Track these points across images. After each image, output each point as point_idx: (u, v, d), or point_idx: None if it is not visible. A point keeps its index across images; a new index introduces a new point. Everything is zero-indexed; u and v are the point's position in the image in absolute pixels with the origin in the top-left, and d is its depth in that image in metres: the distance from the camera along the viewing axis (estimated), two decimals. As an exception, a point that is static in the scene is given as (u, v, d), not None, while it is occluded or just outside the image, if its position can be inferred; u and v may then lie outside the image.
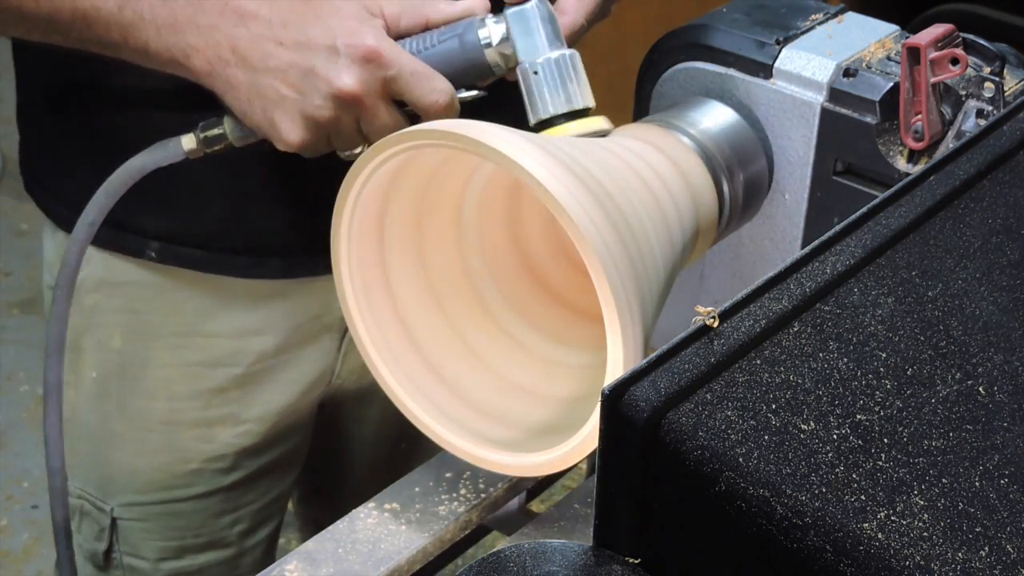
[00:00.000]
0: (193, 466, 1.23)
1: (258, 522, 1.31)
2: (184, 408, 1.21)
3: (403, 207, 0.97)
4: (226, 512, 1.27)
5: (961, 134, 0.97)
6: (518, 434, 0.97)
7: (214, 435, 1.23)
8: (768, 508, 0.66)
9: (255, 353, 1.20)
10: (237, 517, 1.28)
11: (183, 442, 1.22)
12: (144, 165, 1.03)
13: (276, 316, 1.20)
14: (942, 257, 0.81)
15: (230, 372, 1.20)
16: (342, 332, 1.23)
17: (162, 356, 1.20)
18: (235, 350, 1.20)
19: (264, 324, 1.20)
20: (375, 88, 0.94)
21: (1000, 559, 0.64)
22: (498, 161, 0.84)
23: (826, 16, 1.07)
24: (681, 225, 0.94)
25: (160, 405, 1.21)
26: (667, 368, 0.69)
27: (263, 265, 1.17)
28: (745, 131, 1.04)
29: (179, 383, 1.20)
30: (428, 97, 0.95)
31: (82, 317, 1.20)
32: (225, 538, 1.29)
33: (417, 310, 1.00)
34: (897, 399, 0.71)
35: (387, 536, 0.99)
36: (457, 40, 0.97)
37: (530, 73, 0.96)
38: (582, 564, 0.72)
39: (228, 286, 1.18)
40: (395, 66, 0.94)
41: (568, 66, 0.96)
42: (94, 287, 1.19)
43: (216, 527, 1.28)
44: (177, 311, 1.18)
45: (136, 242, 1.16)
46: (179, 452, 1.23)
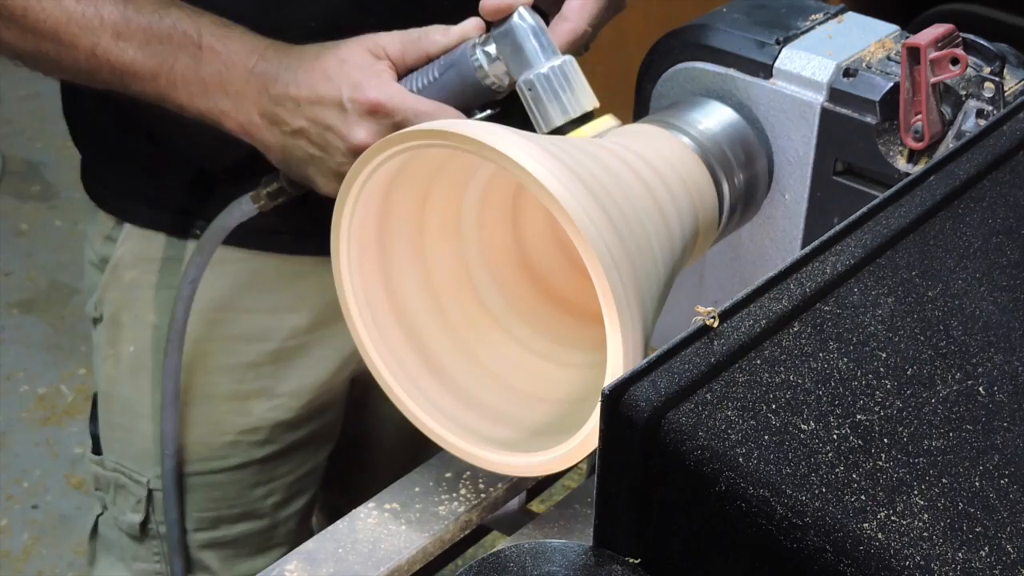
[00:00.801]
0: (228, 438, 1.26)
1: (292, 494, 1.33)
2: (220, 382, 1.24)
3: (403, 207, 0.97)
4: (260, 484, 1.29)
5: (961, 134, 0.97)
6: (518, 434, 0.97)
7: (249, 408, 1.25)
8: (768, 508, 0.66)
9: (289, 329, 1.23)
10: (271, 489, 1.30)
11: (218, 415, 1.25)
12: (227, 225, 1.11)
13: (309, 293, 1.22)
14: (942, 257, 0.81)
15: (264, 347, 1.23)
16: None
17: (197, 331, 1.22)
18: (270, 325, 1.23)
19: (297, 300, 1.23)
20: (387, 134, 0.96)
21: (1000, 559, 0.64)
22: (498, 161, 0.84)
23: (826, 16, 1.07)
24: (681, 225, 0.94)
25: (196, 379, 1.24)
26: (667, 368, 0.69)
27: (302, 243, 1.20)
28: (745, 131, 1.04)
29: (214, 357, 1.23)
30: None
31: (121, 293, 1.24)
32: (259, 509, 1.31)
33: (417, 310, 1.00)
34: (897, 399, 0.71)
35: (387, 536, 0.99)
36: (455, 71, 0.99)
37: (525, 91, 0.98)
38: (582, 564, 0.72)
39: (263, 262, 1.21)
40: (400, 112, 0.98)
41: (560, 77, 0.97)
42: (132, 263, 1.22)
43: (251, 498, 1.30)
44: (213, 287, 1.21)
45: (183, 222, 1.20)
46: (214, 425, 1.25)
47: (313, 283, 1.22)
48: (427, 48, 1.01)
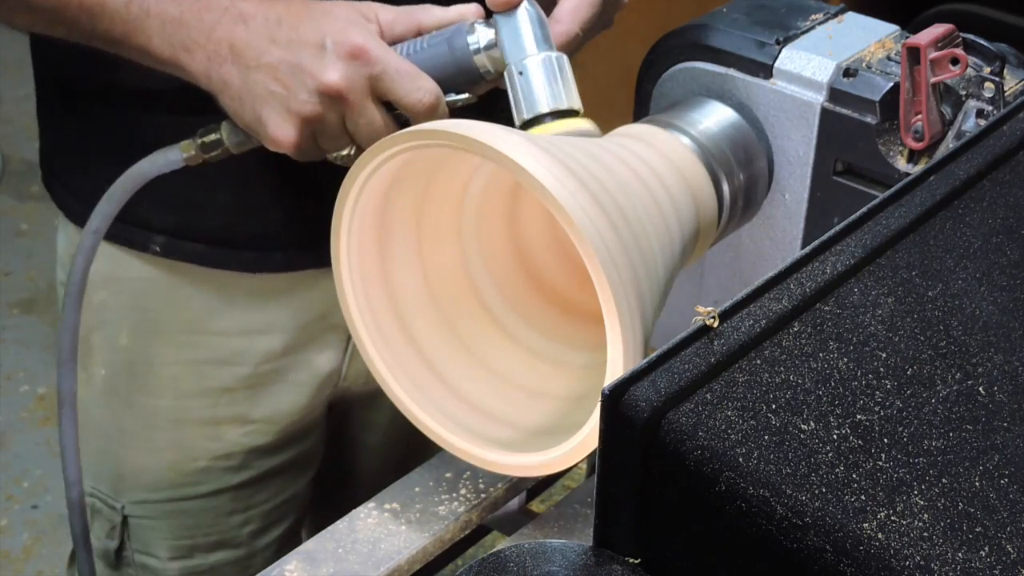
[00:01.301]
0: (201, 464, 1.23)
1: (269, 523, 1.31)
2: (191, 406, 1.22)
3: (403, 207, 0.97)
4: (236, 512, 1.27)
5: (961, 134, 0.97)
6: (518, 434, 0.97)
7: (222, 434, 1.23)
8: (768, 508, 0.66)
9: (262, 353, 1.21)
10: (248, 517, 1.28)
11: (191, 440, 1.23)
12: (145, 172, 1.05)
13: (282, 315, 1.20)
14: (942, 257, 0.81)
15: (237, 371, 1.21)
16: (348, 333, 1.23)
17: (168, 354, 1.20)
18: (241, 349, 1.20)
19: (270, 323, 1.20)
20: (360, 84, 0.94)
21: (1000, 559, 0.64)
22: (498, 161, 0.84)
23: (826, 16, 1.07)
24: (681, 225, 0.94)
25: (167, 403, 1.21)
26: (667, 368, 0.69)
27: (266, 259, 1.17)
28: (745, 131, 1.04)
29: (186, 381, 1.21)
30: (413, 95, 0.95)
31: (91, 314, 1.20)
32: (236, 538, 1.29)
33: (417, 310, 1.00)
34: (897, 399, 0.71)
35: (387, 536, 0.99)
36: (446, 44, 0.97)
37: (516, 73, 0.96)
38: (582, 564, 0.72)
39: (233, 283, 1.18)
40: (380, 63, 0.94)
41: (554, 66, 0.96)
42: (102, 284, 1.19)
43: (226, 526, 1.28)
44: (183, 308, 1.19)
45: (141, 236, 1.17)
46: (187, 450, 1.23)
47: (284, 305, 1.20)
48: (421, 19, 0.98)
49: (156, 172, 1.05)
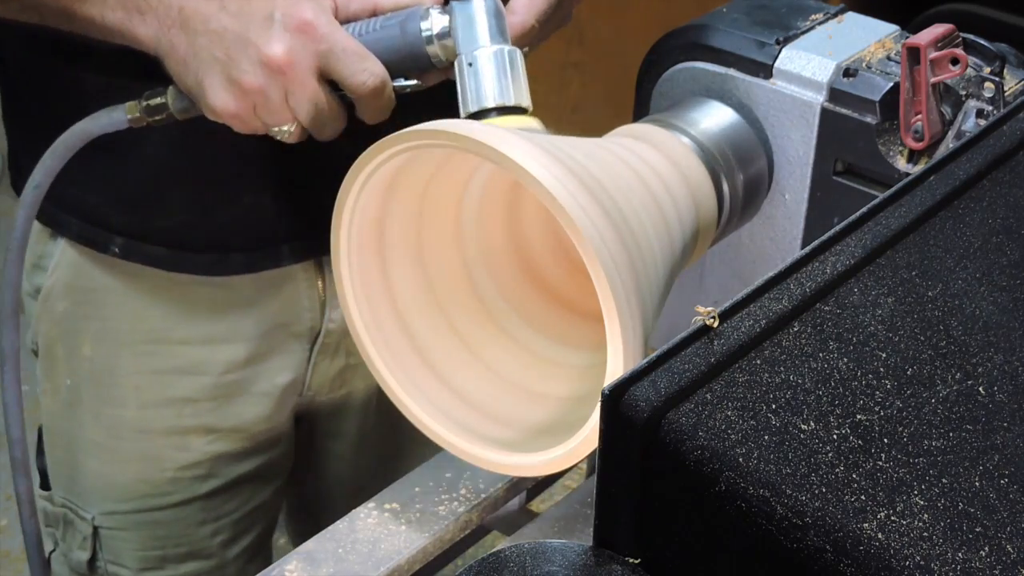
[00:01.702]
0: (168, 474, 1.23)
1: (239, 532, 1.30)
2: (156, 416, 1.21)
3: (403, 207, 0.97)
4: (206, 522, 1.26)
5: (961, 134, 0.97)
6: (518, 434, 0.97)
7: (188, 443, 1.22)
8: (768, 508, 0.66)
9: (224, 363, 1.19)
10: (218, 527, 1.27)
11: (157, 450, 1.22)
12: (89, 130, 1.03)
13: (243, 324, 1.19)
14: (942, 257, 0.81)
15: (200, 381, 1.20)
16: (311, 342, 1.23)
17: (131, 364, 1.19)
18: (203, 359, 1.19)
19: (231, 332, 1.19)
20: (305, 60, 0.93)
21: (1000, 559, 0.64)
22: (498, 161, 0.84)
23: (826, 16, 1.07)
24: (681, 225, 0.94)
25: (131, 413, 1.20)
26: (667, 368, 0.69)
27: (225, 261, 1.16)
28: (745, 131, 1.04)
29: (149, 391, 1.20)
30: (357, 77, 0.93)
31: (54, 324, 1.20)
32: (206, 548, 1.28)
33: (417, 310, 1.00)
34: (897, 399, 0.71)
35: (387, 536, 0.99)
36: (399, 27, 0.95)
37: (465, 64, 0.93)
38: (582, 564, 0.72)
39: (193, 291, 1.17)
40: (327, 41, 0.93)
41: (505, 61, 0.94)
42: (64, 294, 1.19)
43: (196, 537, 1.27)
44: (143, 318, 1.18)
45: (102, 236, 1.15)
46: (154, 460, 1.22)
47: (247, 314, 1.19)
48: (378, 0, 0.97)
49: (100, 130, 1.03)
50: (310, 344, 1.23)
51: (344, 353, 1.25)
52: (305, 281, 1.19)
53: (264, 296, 1.19)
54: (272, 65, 0.92)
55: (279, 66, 0.92)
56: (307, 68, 0.93)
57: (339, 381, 1.27)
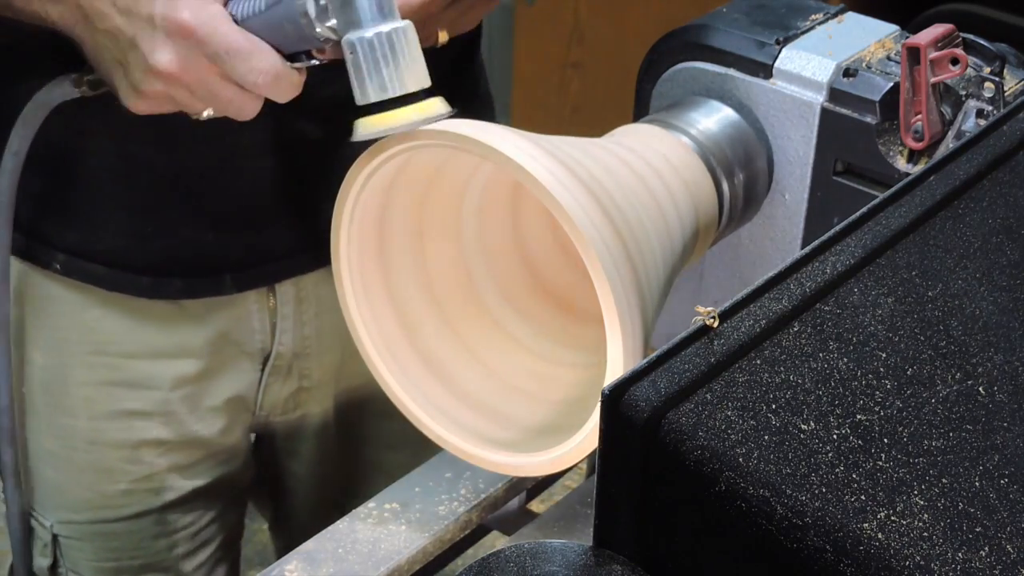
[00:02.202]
0: (122, 486, 1.21)
1: (197, 545, 1.28)
2: (107, 428, 1.19)
3: (403, 207, 0.97)
4: (161, 535, 1.25)
5: (961, 134, 0.97)
6: (518, 434, 0.97)
7: (140, 456, 1.20)
8: (768, 508, 0.66)
9: (173, 378, 1.18)
10: (174, 540, 1.26)
11: (109, 462, 1.20)
12: (49, 98, 1.00)
13: (192, 340, 1.17)
14: (942, 257, 0.81)
15: (150, 395, 1.18)
16: (262, 363, 1.21)
17: (81, 374, 1.17)
18: (152, 373, 1.17)
19: (179, 348, 1.17)
20: (196, 65, 0.88)
21: (1000, 559, 0.64)
22: (498, 161, 0.84)
23: (826, 16, 1.07)
24: (681, 225, 0.94)
25: (83, 424, 1.19)
26: (667, 368, 0.69)
27: (164, 285, 1.14)
28: (745, 131, 1.04)
29: (99, 403, 1.18)
30: (248, 77, 0.88)
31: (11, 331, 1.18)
32: (163, 561, 1.26)
33: (417, 310, 1.00)
34: (897, 399, 0.71)
35: (387, 536, 0.99)
36: (282, 8, 0.88)
37: (347, 52, 0.86)
38: (582, 564, 0.72)
39: (141, 306, 1.15)
40: (210, 43, 0.87)
41: (385, 46, 0.85)
42: (16, 300, 1.17)
43: (153, 550, 1.25)
44: (91, 329, 1.16)
45: (44, 253, 1.14)
46: (106, 472, 1.21)
47: (195, 330, 1.17)
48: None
49: (60, 97, 0.99)
50: (261, 364, 1.21)
51: (297, 376, 1.23)
52: (256, 303, 1.17)
53: (213, 314, 1.17)
54: (163, 75, 0.89)
55: (169, 75, 0.89)
56: (202, 71, 0.89)
57: (292, 403, 1.25)
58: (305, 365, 1.23)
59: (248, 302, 1.17)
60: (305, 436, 1.30)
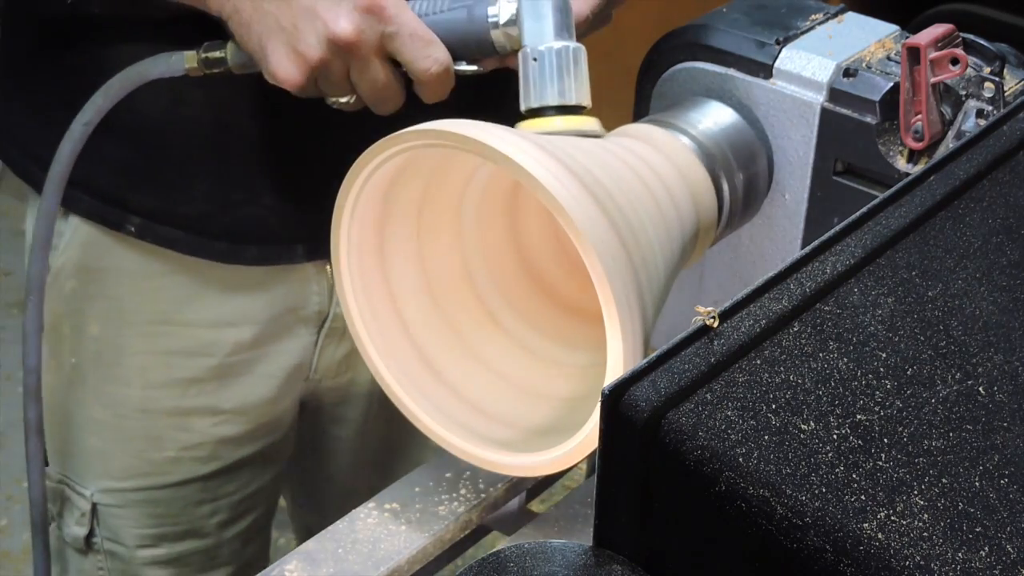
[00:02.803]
0: (170, 454, 1.23)
1: (238, 514, 1.30)
2: (160, 396, 1.21)
3: (403, 207, 0.97)
4: (205, 502, 1.27)
5: (961, 134, 0.97)
6: (518, 434, 0.97)
7: (191, 424, 1.22)
8: (768, 508, 0.66)
9: (231, 344, 1.20)
10: (216, 507, 1.28)
11: (159, 430, 1.22)
12: (147, 72, 1.03)
13: (252, 307, 1.19)
14: (942, 257, 0.81)
15: (206, 362, 1.20)
16: (318, 326, 1.23)
17: (137, 343, 1.20)
18: (211, 340, 1.20)
19: (240, 315, 1.19)
20: (371, 40, 0.93)
21: (1000, 559, 0.64)
22: (498, 161, 0.84)
23: (826, 16, 1.07)
24: (681, 225, 0.94)
25: (136, 392, 1.21)
26: (667, 368, 0.69)
27: (240, 252, 1.16)
28: (745, 131, 1.04)
29: (154, 371, 1.20)
30: (422, 63, 0.94)
31: (61, 303, 1.20)
32: (203, 528, 1.28)
33: (417, 310, 1.00)
34: (897, 399, 0.71)
35: (387, 536, 0.99)
36: (466, 11, 0.95)
37: (530, 59, 0.93)
38: (582, 564, 0.72)
39: (204, 273, 1.17)
40: (396, 23, 0.93)
41: (570, 59, 0.93)
42: (73, 273, 1.19)
43: (194, 516, 1.27)
44: (152, 299, 1.18)
45: (116, 215, 1.16)
46: (156, 440, 1.23)
47: (256, 297, 1.19)
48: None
49: (158, 74, 1.03)
50: (317, 328, 1.23)
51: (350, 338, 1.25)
52: (314, 267, 1.20)
53: (274, 280, 1.19)
54: (339, 42, 0.92)
55: (346, 43, 0.92)
56: (373, 47, 0.93)
57: (344, 365, 1.27)
58: None
59: (307, 268, 1.20)
60: (352, 401, 1.32)
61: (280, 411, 1.26)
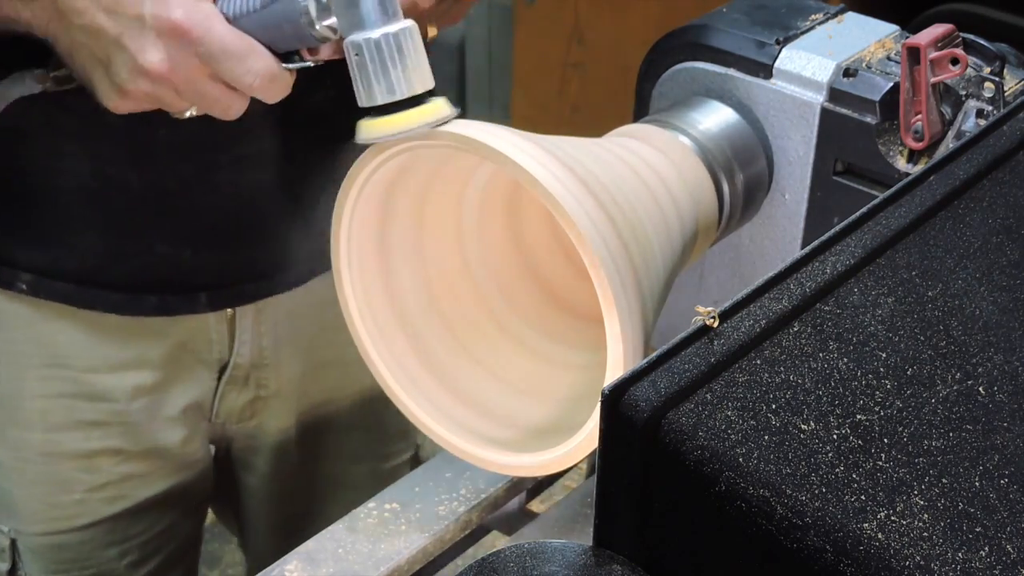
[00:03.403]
0: (76, 496, 1.20)
1: (148, 553, 1.27)
2: (63, 439, 1.18)
3: (403, 207, 0.97)
4: (113, 544, 1.24)
5: (961, 134, 0.97)
6: (518, 434, 0.97)
7: (97, 465, 1.19)
8: (768, 508, 0.66)
9: (131, 389, 1.17)
10: (125, 549, 1.25)
11: (64, 473, 1.19)
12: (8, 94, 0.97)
13: (151, 352, 1.16)
14: (942, 257, 0.81)
15: (108, 407, 1.17)
16: (219, 371, 1.21)
17: (36, 387, 1.17)
18: (111, 385, 1.17)
19: (138, 359, 1.17)
20: (186, 65, 0.86)
21: (1000, 559, 0.64)
22: (498, 161, 0.84)
23: (826, 16, 1.07)
24: (681, 225, 0.94)
25: (37, 436, 1.18)
26: (667, 368, 0.69)
27: (138, 302, 1.13)
28: (745, 131, 1.04)
29: (56, 415, 1.17)
30: (243, 80, 0.86)
31: None
32: (115, 570, 1.26)
33: (417, 310, 1.00)
34: (897, 399, 0.71)
35: (387, 536, 0.99)
36: (280, 7, 0.85)
37: (351, 54, 0.83)
38: (582, 564, 0.72)
39: (101, 321, 1.14)
40: (204, 42, 0.85)
41: (392, 48, 0.83)
42: None
43: (103, 558, 1.25)
44: (49, 343, 1.15)
45: (7, 274, 1.12)
46: (61, 483, 1.20)
47: (154, 341, 1.16)
48: None
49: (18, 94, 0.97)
50: (218, 373, 1.21)
51: (254, 385, 1.23)
52: (214, 315, 1.17)
53: (173, 327, 1.16)
54: (152, 75, 0.86)
55: (158, 75, 0.86)
56: (192, 72, 0.86)
57: (249, 412, 1.25)
58: (263, 375, 1.23)
59: (207, 316, 1.17)
60: (262, 448, 1.29)
61: (189, 452, 1.24)
